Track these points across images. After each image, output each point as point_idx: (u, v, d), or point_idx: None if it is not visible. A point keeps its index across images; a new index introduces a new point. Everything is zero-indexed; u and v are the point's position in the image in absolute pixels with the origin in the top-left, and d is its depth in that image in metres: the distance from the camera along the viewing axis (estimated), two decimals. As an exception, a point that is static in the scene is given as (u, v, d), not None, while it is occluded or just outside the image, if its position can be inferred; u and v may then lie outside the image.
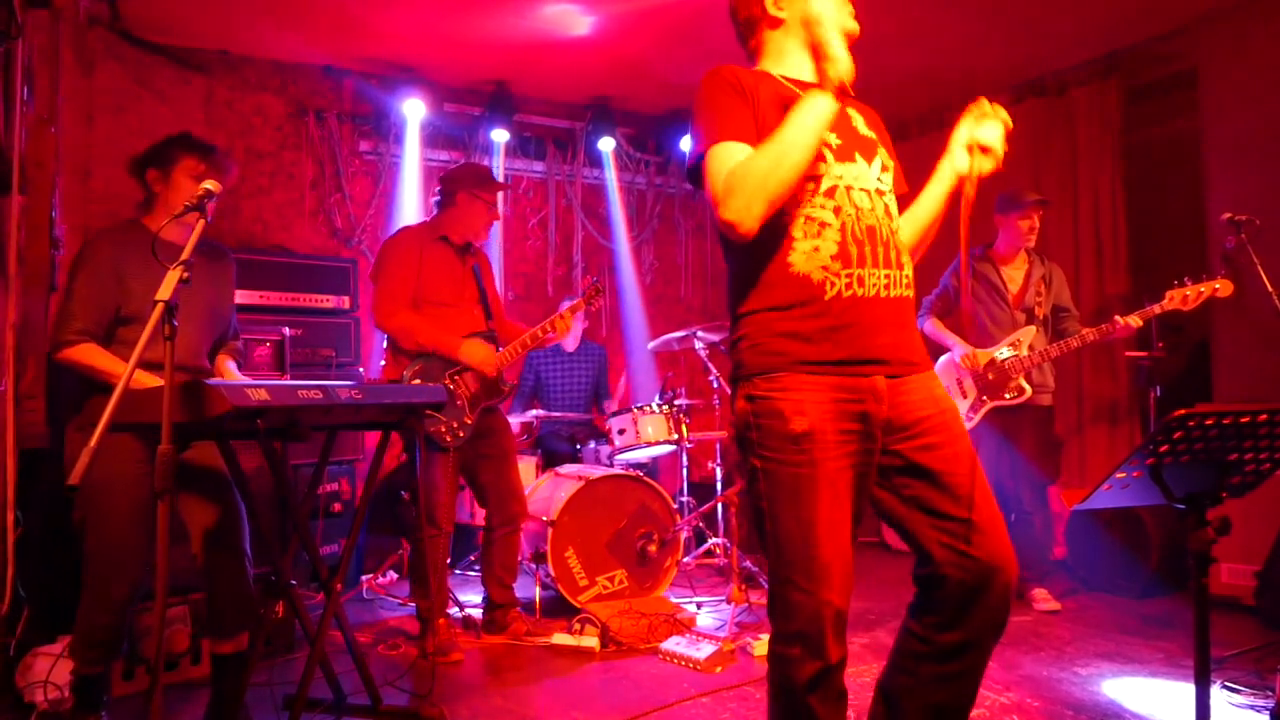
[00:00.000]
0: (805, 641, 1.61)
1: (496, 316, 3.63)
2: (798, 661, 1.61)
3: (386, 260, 3.43)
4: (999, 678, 3.00)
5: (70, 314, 2.41)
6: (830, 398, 1.66)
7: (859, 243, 1.71)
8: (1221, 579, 3.77)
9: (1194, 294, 3.52)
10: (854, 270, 1.69)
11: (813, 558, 1.61)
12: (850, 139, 1.80)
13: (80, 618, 2.43)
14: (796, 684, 1.62)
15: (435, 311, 3.41)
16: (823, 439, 1.63)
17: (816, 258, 1.69)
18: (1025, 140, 5.23)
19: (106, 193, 4.51)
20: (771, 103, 1.74)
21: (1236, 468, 1.76)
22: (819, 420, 1.64)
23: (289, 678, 2.82)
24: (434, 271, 3.43)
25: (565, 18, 4.48)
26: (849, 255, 1.69)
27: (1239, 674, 2.91)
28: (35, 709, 2.63)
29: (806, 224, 1.70)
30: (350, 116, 5.21)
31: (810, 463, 1.63)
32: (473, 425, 3.39)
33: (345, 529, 4.10)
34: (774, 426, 1.66)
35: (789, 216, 1.71)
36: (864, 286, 1.69)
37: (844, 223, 1.71)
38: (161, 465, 1.76)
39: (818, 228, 1.70)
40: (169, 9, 4.31)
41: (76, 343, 2.39)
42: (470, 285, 3.55)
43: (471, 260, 3.58)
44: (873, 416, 1.68)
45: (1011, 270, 4.00)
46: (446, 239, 3.48)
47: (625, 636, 3.38)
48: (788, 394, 1.66)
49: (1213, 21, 4.37)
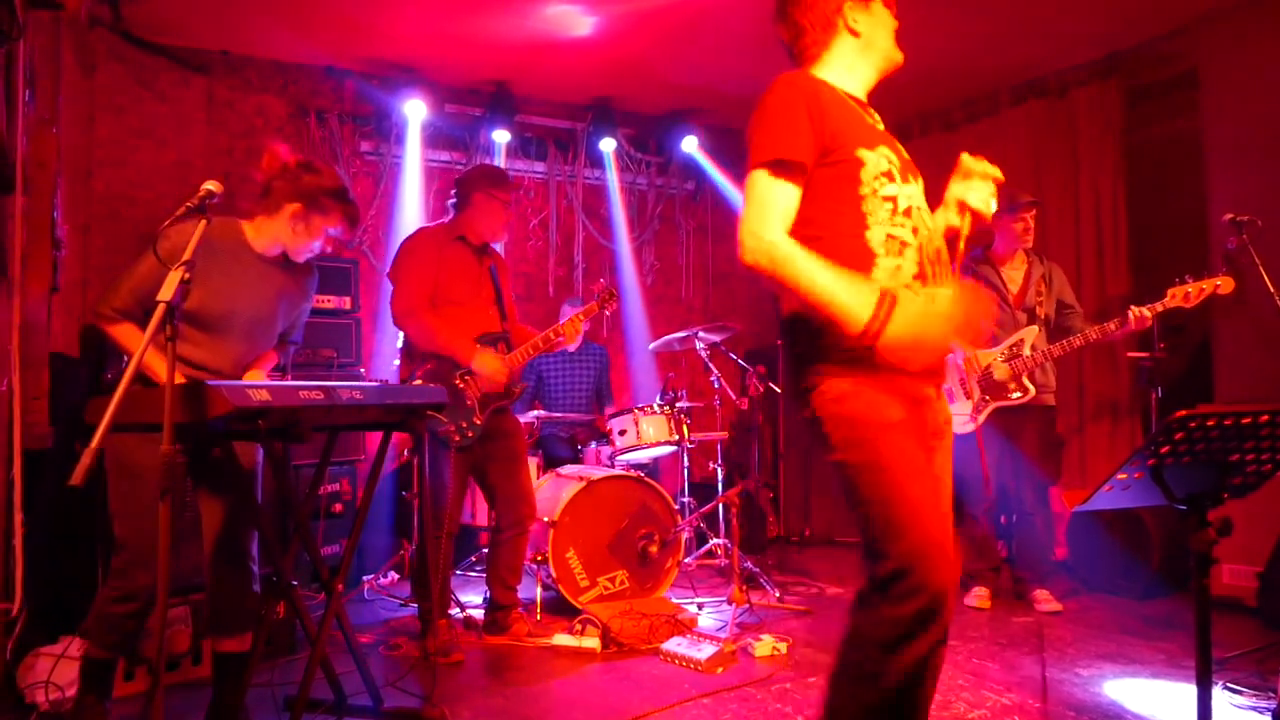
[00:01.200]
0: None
1: (511, 318, 3.64)
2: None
3: (405, 260, 3.44)
4: (1001, 678, 3.00)
5: (117, 291, 2.36)
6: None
7: (932, 263, 1.80)
8: (1223, 580, 3.77)
9: (1195, 291, 3.52)
10: (930, 290, 1.76)
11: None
12: (904, 161, 1.87)
13: (100, 603, 2.43)
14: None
15: (452, 311, 3.42)
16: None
17: (899, 276, 1.74)
18: (1026, 141, 5.23)
19: (108, 193, 4.52)
20: (838, 106, 1.81)
21: (1238, 468, 1.76)
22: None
23: (290, 678, 2.81)
24: (452, 271, 3.45)
25: (566, 18, 4.48)
26: (925, 275, 1.77)
27: (1241, 675, 2.90)
28: (36, 709, 2.63)
29: (889, 242, 1.76)
30: (351, 117, 5.22)
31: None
32: (482, 425, 3.39)
33: (346, 529, 4.10)
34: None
35: (870, 234, 1.76)
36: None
37: (920, 244, 1.79)
38: (165, 466, 1.77)
39: (899, 246, 1.76)
40: (170, 10, 4.31)
41: (113, 320, 2.36)
42: (487, 285, 3.57)
43: (489, 261, 3.59)
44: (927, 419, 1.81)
45: (1011, 270, 4.01)
46: (464, 239, 3.50)
47: (626, 637, 3.38)
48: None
49: (1213, 22, 4.37)
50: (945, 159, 2.17)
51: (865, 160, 1.77)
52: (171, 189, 4.61)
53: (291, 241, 2.51)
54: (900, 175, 1.81)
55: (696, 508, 4.52)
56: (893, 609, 1.64)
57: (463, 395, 3.36)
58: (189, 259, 1.90)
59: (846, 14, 1.89)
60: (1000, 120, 5.44)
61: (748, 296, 6.56)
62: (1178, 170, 4.89)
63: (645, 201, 6.21)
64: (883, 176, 1.78)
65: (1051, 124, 5.13)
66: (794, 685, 2.94)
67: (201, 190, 2.08)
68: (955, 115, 5.70)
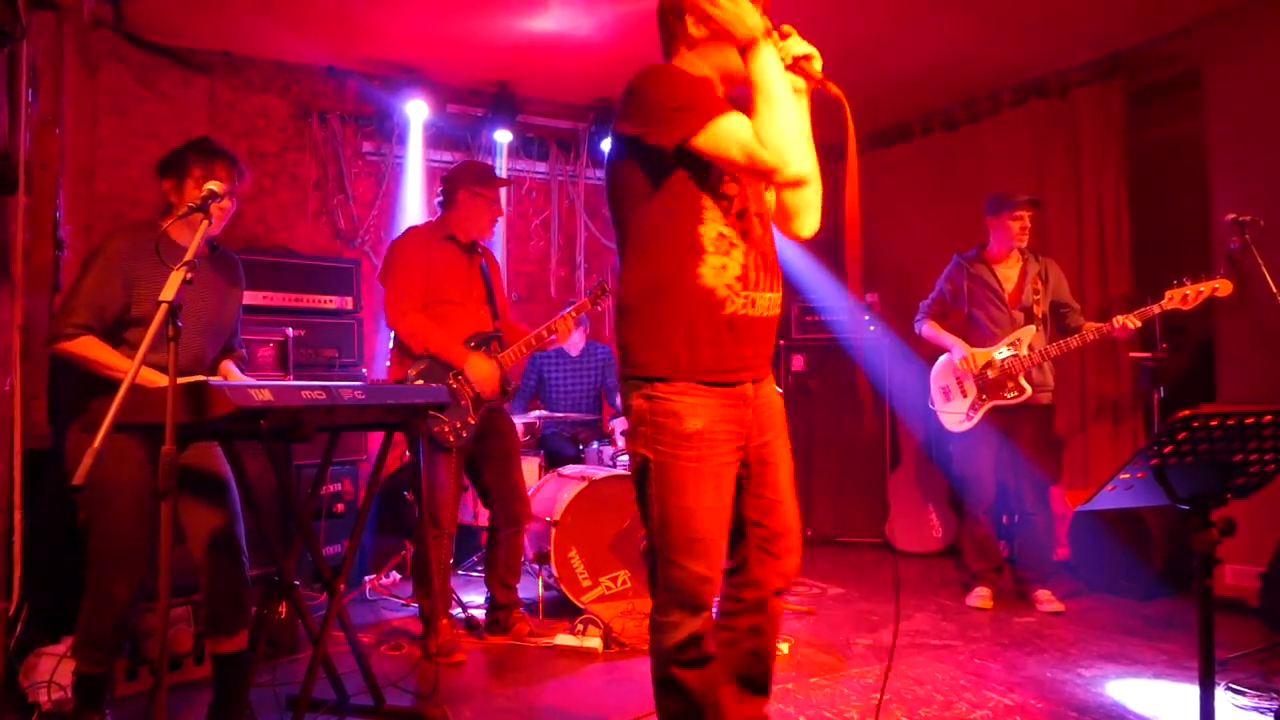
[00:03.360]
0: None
1: (502, 316, 3.63)
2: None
3: (395, 261, 3.44)
4: (1002, 679, 3.00)
5: (72, 308, 2.39)
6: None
7: (758, 268, 1.94)
8: (1226, 580, 3.76)
9: (1193, 293, 3.52)
10: (751, 293, 1.92)
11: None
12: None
13: (83, 618, 2.43)
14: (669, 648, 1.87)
15: (444, 310, 3.42)
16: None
17: (724, 275, 1.89)
18: (1027, 141, 5.22)
19: (110, 194, 4.52)
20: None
21: (1241, 469, 1.76)
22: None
23: (292, 678, 2.81)
24: (442, 271, 3.44)
25: (568, 18, 4.48)
26: (750, 277, 1.92)
27: (1243, 676, 2.90)
28: (38, 709, 2.63)
29: (718, 240, 1.89)
30: (353, 117, 5.22)
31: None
32: (476, 425, 3.39)
33: (348, 529, 4.10)
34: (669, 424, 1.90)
35: (701, 232, 1.89)
36: (755, 308, 1.93)
37: (749, 246, 1.92)
38: (165, 466, 1.77)
39: (727, 246, 1.90)
40: (172, 10, 4.31)
41: (75, 336, 2.36)
42: (478, 284, 3.56)
43: (479, 259, 3.59)
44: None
45: (1006, 269, 4.00)
46: (453, 238, 3.50)
47: (628, 637, 3.38)
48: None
49: (1217, 21, 4.36)
50: (947, 159, 2.19)
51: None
52: (174, 189, 4.61)
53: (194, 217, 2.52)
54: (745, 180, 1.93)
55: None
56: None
57: (456, 396, 3.37)
58: (190, 259, 1.90)
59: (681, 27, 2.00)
60: (1002, 120, 5.43)
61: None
62: (1180, 171, 4.88)
63: (647, 202, 6.20)
64: (726, 178, 1.91)
65: (1053, 124, 5.12)
66: (796, 685, 2.94)
67: (204, 191, 2.09)
68: (957, 115, 5.68)
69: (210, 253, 2.64)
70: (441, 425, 3.30)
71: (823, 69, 1.94)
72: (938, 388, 4.10)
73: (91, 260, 2.45)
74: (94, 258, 2.45)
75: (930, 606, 4.00)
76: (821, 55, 1.98)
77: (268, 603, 2.51)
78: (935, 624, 3.71)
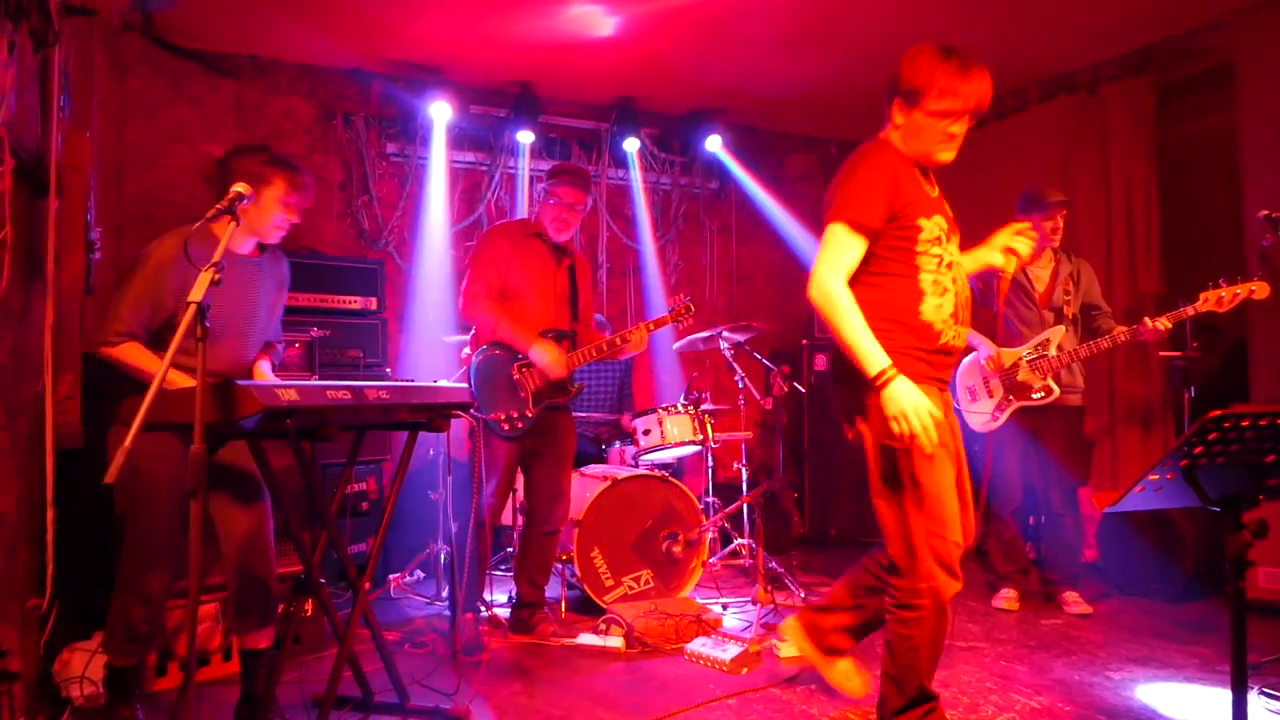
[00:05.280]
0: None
1: (583, 320, 3.67)
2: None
3: (478, 253, 3.56)
4: (1029, 681, 2.97)
5: (117, 314, 2.42)
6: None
7: (963, 307, 2.38)
8: (1259, 583, 3.70)
9: (1229, 296, 3.45)
10: (959, 328, 2.38)
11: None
12: (950, 222, 2.42)
13: (115, 611, 2.47)
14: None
15: (520, 304, 3.49)
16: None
17: (940, 313, 2.33)
18: (1056, 138, 5.16)
19: (139, 195, 4.58)
20: (909, 180, 2.34)
21: (1273, 469, 1.73)
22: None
23: (318, 676, 2.84)
24: (524, 266, 3.52)
25: (589, 18, 4.49)
26: (958, 315, 2.37)
27: (1277, 680, 2.85)
28: (71, 704, 2.68)
29: (934, 286, 2.32)
30: (377, 119, 5.26)
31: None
32: (533, 419, 3.42)
33: (373, 528, 4.13)
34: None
35: (922, 278, 2.31)
36: (960, 339, 2.40)
37: (956, 291, 2.36)
38: (194, 464, 1.79)
39: (941, 290, 2.33)
40: (200, 15, 4.37)
41: (117, 343, 2.41)
42: (562, 283, 3.62)
43: (568, 260, 3.65)
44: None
45: (1038, 269, 3.95)
46: (541, 236, 3.56)
47: (651, 637, 3.38)
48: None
49: (1249, 14, 4.28)
50: (975, 155, 2.23)
51: (923, 226, 2.31)
52: (202, 191, 4.67)
53: (255, 225, 2.54)
54: (946, 237, 2.36)
55: (721, 508, 4.51)
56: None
57: (518, 386, 3.40)
58: (218, 260, 1.92)
59: (929, 100, 2.31)
60: (1029, 117, 5.37)
61: (771, 296, 6.53)
62: (1211, 167, 4.81)
63: (669, 201, 6.20)
64: (934, 240, 2.32)
65: (1082, 121, 5.06)
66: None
67: (230, 193, 2.12)
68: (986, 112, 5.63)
69: (260, 254, 2.66)
70: (498, 413, 3.33)
71: (850, 67, 2.18)
72: (963, 387, 4.06)
73: (139, 264, 2.47)
74: (141, 262, 2.47)
75: (955, 607, 3.95)
76: (843, 54, 2.03)
77: (294, 601, 2.53)
78: (960, 625, 3.68)
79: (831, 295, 2.24)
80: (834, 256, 2.27)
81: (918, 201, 2.32)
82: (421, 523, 4.58)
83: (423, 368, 4.97)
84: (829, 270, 2.26)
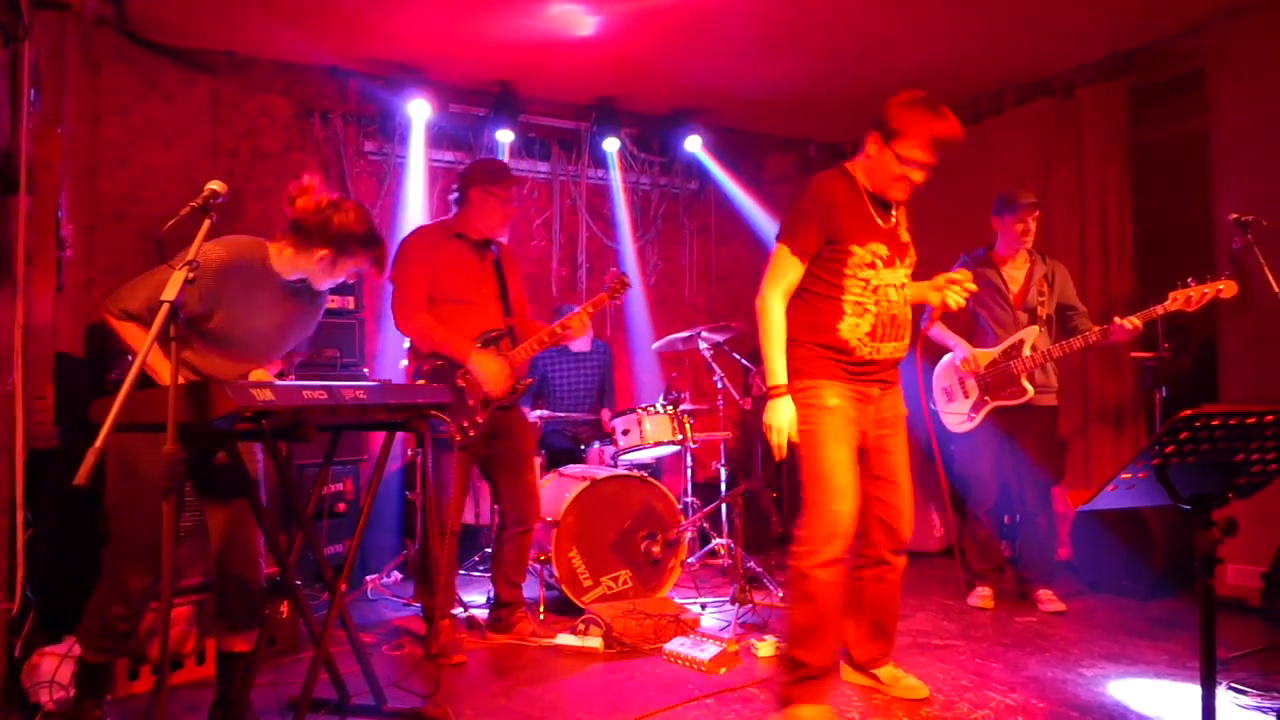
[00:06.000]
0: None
1: (518, 313, 3.61)
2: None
3: (401, 262, 3.44)
4: (1004, 678, 3.00)
5: (133, 293, 2.33)
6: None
7: (885, 326, 2.61)
8: (1227, 580, 3.75)
9: (1197, 295, 3.50)
10: (877, 344, 2.62)
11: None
12: (895, 249, 2.64)
13: (93, 606, 2.44)
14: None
15: (452, 309, 3.41)
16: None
17: (857, 331, 2.59)
18: (1032, 141, 5.22)
19: (113, 193, 4.53)
20: (850, 209, 2.61)
21: (1243, 469, 1.76)
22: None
23: (294, 678, 2.81)
24: (449, 269, 3.44)
25: (570, 18, 4.48)
26: (877, 334, 2.61)
27: (1245, 675, 2.90)
28: (40, 709, 2.64)
29: (855, 307, 2.59)
30: (355, 117, 5.22)
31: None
32: (484, 424, 3.38)
33: (350, 529, 4.09)
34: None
35: (845, 298, 2.59)
36: (880, 354, 2.64)
37: (878, 313, 2.60)
38: (167, 465, 1.77)
39: (861, 311, 2.59)
40: (175, 10, 4.32)
41: (121, 319, 2.33)
42: (490, 281, 3.55)
43: (491, 256, 3.57)
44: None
45: (1012, 270, 3.99)
46: (463, 236, 3.49)
47: (629, 637, 3.38)
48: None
49: (1221, 21, 4.35)
50: (953, 158, 2.25)
51: (854, 252, 2.57)
52: (176, 189, 4.62)
53: (317, 278, 2.54)
54: (885, 263, 2.60)
55: (700, 508, 4.52)
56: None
57: (464, 394, 3.36)
58: (193, 259, 1.90)
59: (884, 137, 2.56)
60: (1006, 120, 5.43)
61: (750, 297, 6.47)
62: (1184, 171, 4.88)
63: (649, 202, 6.21)
64: (864, 265, 2.57)
65: (1058, 124, 5.12)
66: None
67: (205, 190, 2.09)
68: (963, 114, 5.61)
69: (302, 282, 2.57)
70: (448, 424, 3.30)
71: (829, 70, 2.28)
72: (939, 388, 4.10)
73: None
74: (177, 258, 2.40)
75: (931, 606, 4.00)
76: (823, 56, 2.07)
77: (269, 602, 2.51)
78: (936, 624, 3.71)
79: (764, 310, 2.63)
80: (775, 274, 2.63)
81: (856, 229, 2.57)
82: (399, 524, 4.55)
83: (400, 368, 4.93)
84: (769, 286, 2.63)
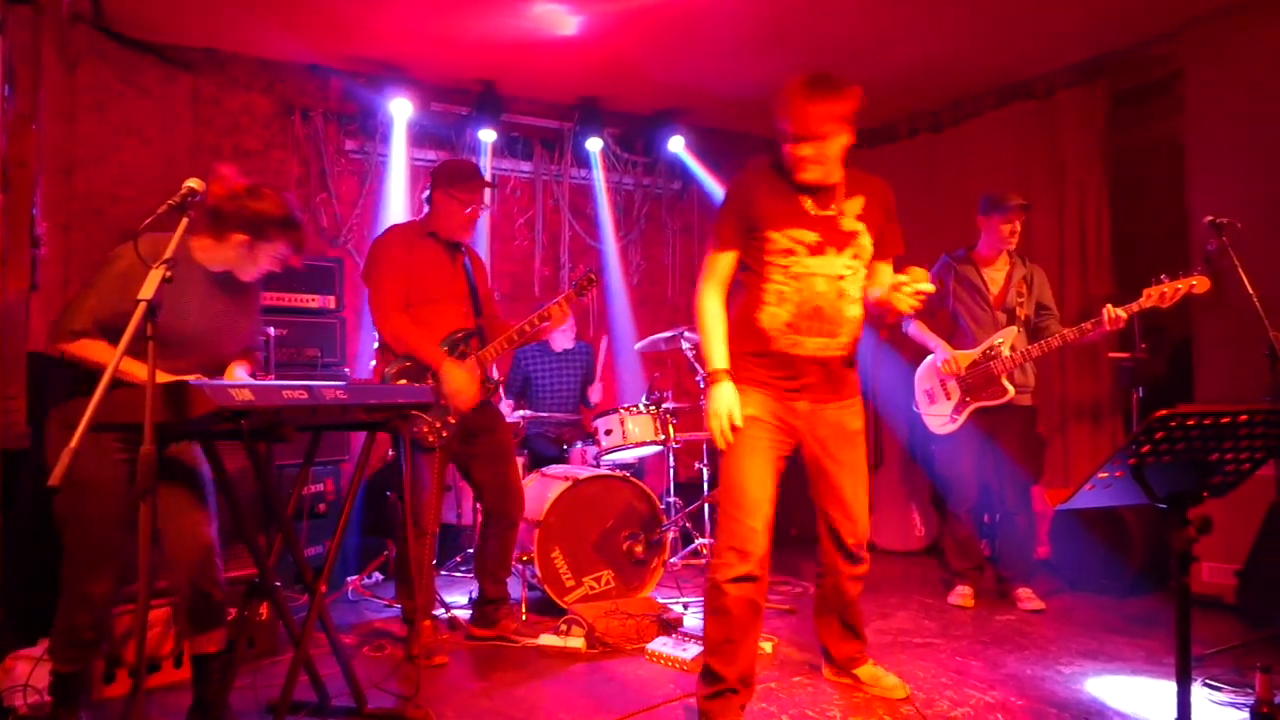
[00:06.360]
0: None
1: (487, 313, 3.61)
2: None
3: (376, 262, 3.42)
4: (984, 676, 3.02)
5: (81, 311, 2.32)
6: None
7: (807, 318, 2.52)
8: (1203, 578, 3.80)
9: (1171, 291, 3.53)
10: (798, 337, 2.53)
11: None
12: (830, 238, 2.52)
13: (60, 617, 2.41)
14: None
15: (427, 310, 3.40)
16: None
17: (776, 320, 2.53)
18: (1011, 143, 5.26)
19: (89, 191, 4.47)
20: (771, 197, 2.54)
21: (1217, 467, 1.78)
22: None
23: (273, 680, 2.79)
24: (423, 269, 3.42)
25: (553, 17, 4.47)
26: (798, 326, 2.52)
27: (1220, 672, 2.93)
28: (14, 713, 2.60)
29: (775, 294, 2.52)
30: (337, 115, 5.19)
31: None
32: (456, 424, 3.37)
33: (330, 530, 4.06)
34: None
35: (767, 286, 2.53)
36: (802, 348, 2.54)
37: (799, 302, 2.51)
38: (144, 466, 1.75)
39: (780, 299, 2.52)
40: (154, 6, 4.27)
41: (73, 339, 2.31)
42: (460, 282, 3.54)
43: (462, 257, 3.56)
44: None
45: (993, 272, 4.02)
46: (435, 235, 3.48)
47: (612, 637, 3.38)
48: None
49: (1198, 26, 4.40)
50: (933, 160, 2.23)
51: (772, 239, 2.50)
52: (155, 187, 4.57)
53: (239, 266, 2.50)
54: (811, 250, 2.50)
55: (682, 508, 4.53)
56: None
57: (436, 395, 3.35)
58: (170, 257, 1.88)
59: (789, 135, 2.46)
60: (986, 122, 5.47)
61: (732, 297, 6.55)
62: (1162, 173, 4.93)
63: (632, 201, 6.21)
64: (783, 252, 2.50)
65: (1037, 126, 5.16)
66: (779, 685, 2.95)
67: (183, 188, 2.06)
68: (942, 116, 5.72)
69: (229, 274, 2.54)
70: (421, 425, 3.28)
71: (811, 69, 2.38)
72: (921, 390, 4.12)
73: (110, 263, 2.36)
74: (112, 261, 2.36)
75: (912, 605, 4.02)
76: (806, 57, 2.07)
77: (248, 604, 2.49)
78: (917, 622, 3.73)
79: (698, 303, 2.65)
80: (706, 269, 2.65)
81: (775, 216, 2.51)
82: (380, 524, 4.53)
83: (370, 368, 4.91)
84: (701, 281, 2.66)
